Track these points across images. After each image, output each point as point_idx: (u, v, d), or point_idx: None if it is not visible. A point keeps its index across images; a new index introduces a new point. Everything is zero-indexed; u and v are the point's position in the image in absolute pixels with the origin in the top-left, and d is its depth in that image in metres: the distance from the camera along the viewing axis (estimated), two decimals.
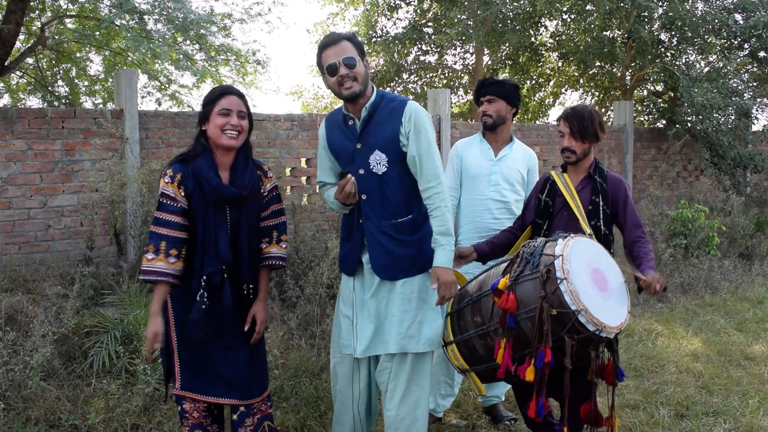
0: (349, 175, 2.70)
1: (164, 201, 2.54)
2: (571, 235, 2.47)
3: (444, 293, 2.64)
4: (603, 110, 12.67)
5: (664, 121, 10.34)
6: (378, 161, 2.72)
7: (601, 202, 2.83)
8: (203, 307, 2.56)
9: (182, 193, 2.55)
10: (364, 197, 2.76)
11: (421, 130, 2.69)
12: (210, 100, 2.59)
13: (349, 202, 2.75)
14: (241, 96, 2.62)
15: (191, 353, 2.63)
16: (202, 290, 2.55)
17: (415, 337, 2.73)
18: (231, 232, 2.61)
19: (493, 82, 3.53)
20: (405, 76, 13.30)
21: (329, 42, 2.69)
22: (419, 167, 2.69)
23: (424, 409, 2.80)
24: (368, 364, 2.88)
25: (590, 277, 2.38)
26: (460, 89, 14.30)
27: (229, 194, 2.57)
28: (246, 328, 2.69)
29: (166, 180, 2.55)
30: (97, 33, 9.56)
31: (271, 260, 2.75)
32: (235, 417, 2.72)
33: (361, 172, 2.74)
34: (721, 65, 9.46)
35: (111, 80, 10.72)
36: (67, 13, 9.47)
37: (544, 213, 2.91)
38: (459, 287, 2.74)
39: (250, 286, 2.68)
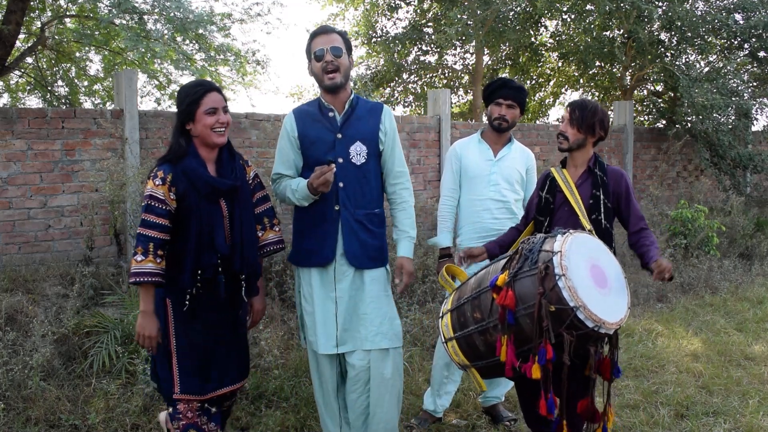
0: (333, 165, 2.73)
1: (152, 203, 2.54)
2: (570, 231, 2.47)
3: (407, 281, 2.94)
4: (607, 112, 12.65)
5: (664, 121, 10.35)
6: (358, 152, 2.86)
7: (602, 196, 2.84)
8: (193, 297, 2.60)
9: (172, 196, 2.56)
10: (341, 185, 2.85)
11: (395, 132, 2.97)
12: (193, 100, 2.59)
13: (321, 190, 2.76)
14: (220, 91, 2.67)
15: (191, 355, 2.64)
16: (196, 285, 2.59)
17: (388, 333, 2.89)
18: (228, 224, 2.65)
19: (516, 87, 3.47)
20: (405, 76, 13.29)
21: (321, 31, 2.86)
22: (391, 163, 2.94)
23: (400, 401, 3.04)
24: (337, 359, 2.99)
25: (589, 273, 2.38)
26: (460, 89, 14.30)
27: (224, 187, 2.60)
28: (248, 322, 2.79)
29: (157, 183, 2.54)
30: (97, 33, 9.57)
31: (270, 246, 2.83)
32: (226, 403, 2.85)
33: (340, 161, 2.84)
34: (721, 65, 9.46)
35: (111, 80, 10.72)
36: (67, 13, 9.48)
37: (544, 210, 2.92)
38: (459, 284, 2.75)
39: (242, 276, 2.70)
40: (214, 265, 2.59)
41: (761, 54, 10.11)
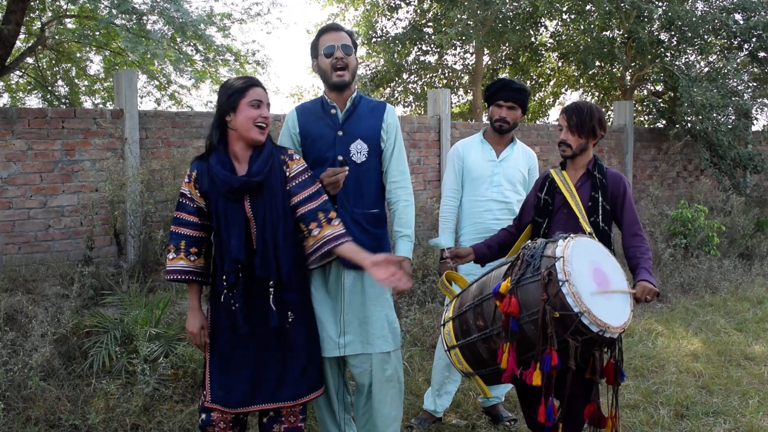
0: (346, 167, 2.70)
1: (182, 201, 2.52)
2: (572, 235, 2.46)
3: (405, 285, 2.46)
4: (603, 110, 12.67)
5: (664, 121, 10.35)
6: (359, 150, 2.84)
7: (600, 198, 2.83)
8: (231, 302, 2.47)
9: (198, 193, 2.50)
10: None
11: (398, 131, 2.93)
12: (237, 90, 2.48)
13: (328, 191, 2.71)
14: (265, 88, 2.57)
15: (222, 364, 2.53)
16: (226, 291, 2.47)
17: (389, 336, 2.88)
18: (255, 224, 2.50)
19: (518, 88, 3.44)
20: (405, 76, 13.30)
21: (331, 28, 2.85)
22: (391, 162, 2.90)
23: (402, 400, 3.00)
24: (336, 361, 2.95)
25: (592, 277, 2.37)
26: (460, 89, 14.31)
27: (237, 184, 2.44)
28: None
29: (186, 180, 2.53)
30: (97, 33, 9.57)
31: (333, 242, 2.51)
32: (264, 420, 2.63)
33: (340, 158, 2.81)
34: (721, 65, 9.47)
35: (111, 80, 10.72)
36: (67, 13, 9.48)
37: (543, 211, 2.91)
38: (460, 290, 2.74)
39: (270, 283, 2.49)
40: (234, 271, 2.45)
41: (761, 54, 10.11)
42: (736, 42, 10.10)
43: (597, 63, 11.09)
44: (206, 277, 2.55)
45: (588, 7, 10.42)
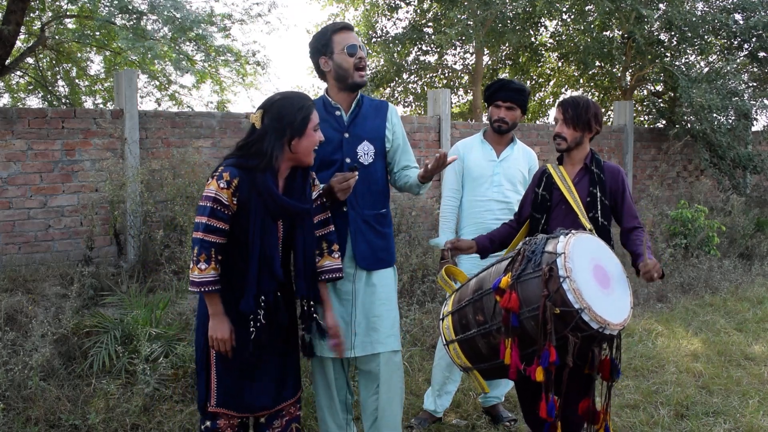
0: (356, 173, 2.70)
1: (216, 207, 2.38)
2: (572, 231, 2.46)
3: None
4: (603, 110, 12.67)
5: (663, 121, 10.35)
6: (366, 152, 2.84)
7: (599, 194, 2.82)
8: (258, 325, 2.46)
9: (234, 201, 2.41)
10: None
11: (403, 130, 2.99)
12: (306, 115, 2.44)
13: (338, 197, 2.72)
14: None
15: (230, 371, 2.53)
16: (259, 310, 2.45)
17: (397, 336, 2.90)
18: (283, 246, 2.53)
19: (517, 89, 3.44)
20: (405, 76, 13.29)
21: (348, 27, 2.83)
22: (401, 153, 2.94)
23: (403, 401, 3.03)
24: (347, 361, 2.95)
25: (592, 273, 2.37)
26: (460, 89, 14.31)
27: (296, 210, 2.47)
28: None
29: (221, 185, 2.38)
30: (97, 33, 9.58)
31: (327, 274, 2.65)
32: (262, 420, 2.63)
33: (348, 161, 2.82)
34: (721, 66, 9.47)
35: (111, 80, 10.72)
36: (67, 13, 9.48)
37: (541, 207, 2.90)
38: (459, 285, 2.74)
39: (310, 301, 2.59)
40: (273, 291, 2.48)
41: (761, 54, 10.11)
42: (736, 42, 10.10)
43: (597, 63, 11.09)
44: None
45: (588, 7, 10.42)
